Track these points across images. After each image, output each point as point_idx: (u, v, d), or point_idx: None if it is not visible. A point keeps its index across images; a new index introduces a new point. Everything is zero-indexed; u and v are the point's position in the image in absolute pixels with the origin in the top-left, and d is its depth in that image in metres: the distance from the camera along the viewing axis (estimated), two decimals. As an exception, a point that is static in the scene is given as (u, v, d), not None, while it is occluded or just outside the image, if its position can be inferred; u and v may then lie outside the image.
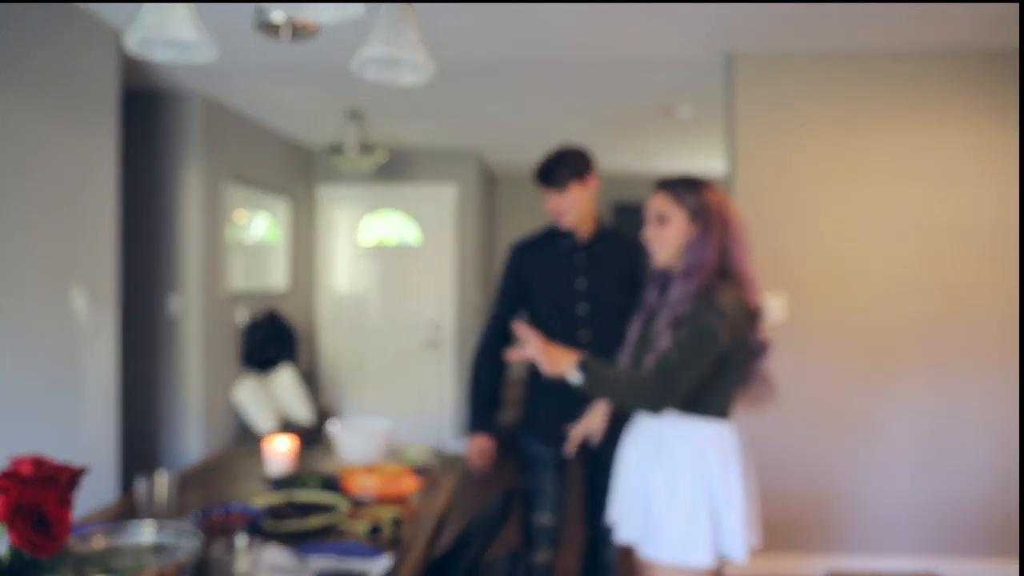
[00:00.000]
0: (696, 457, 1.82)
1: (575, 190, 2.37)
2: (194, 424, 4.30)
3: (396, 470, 2.14)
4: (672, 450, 1.85)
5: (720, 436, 1.85)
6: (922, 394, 3.45)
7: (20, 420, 2.70)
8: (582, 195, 2.38)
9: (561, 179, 2.35)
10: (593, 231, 2.46)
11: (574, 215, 2.40)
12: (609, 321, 2.37)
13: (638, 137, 5.38)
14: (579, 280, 2.42)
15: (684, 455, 1.83)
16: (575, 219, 2.41)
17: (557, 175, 2.36)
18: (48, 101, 2.83)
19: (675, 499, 1.82)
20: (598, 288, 2.40)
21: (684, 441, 1.84)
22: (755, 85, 3.50)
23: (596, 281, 2.41)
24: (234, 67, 3.73)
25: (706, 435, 1.84)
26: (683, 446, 1.84)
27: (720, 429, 1.86)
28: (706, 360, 1.77)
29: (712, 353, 1.77)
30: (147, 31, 1.54)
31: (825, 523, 3.49)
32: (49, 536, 0.90)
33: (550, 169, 2.38)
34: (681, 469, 1.83)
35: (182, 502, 2.02)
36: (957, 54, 3.42)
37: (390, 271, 6.19)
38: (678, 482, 1.82)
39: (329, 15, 1.40)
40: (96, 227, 3.11)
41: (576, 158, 2.39)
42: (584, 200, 2.39)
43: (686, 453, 1.83)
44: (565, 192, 2.37)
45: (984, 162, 3.42)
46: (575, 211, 2.39)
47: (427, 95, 4.22)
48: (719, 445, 1.84)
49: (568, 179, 2.36)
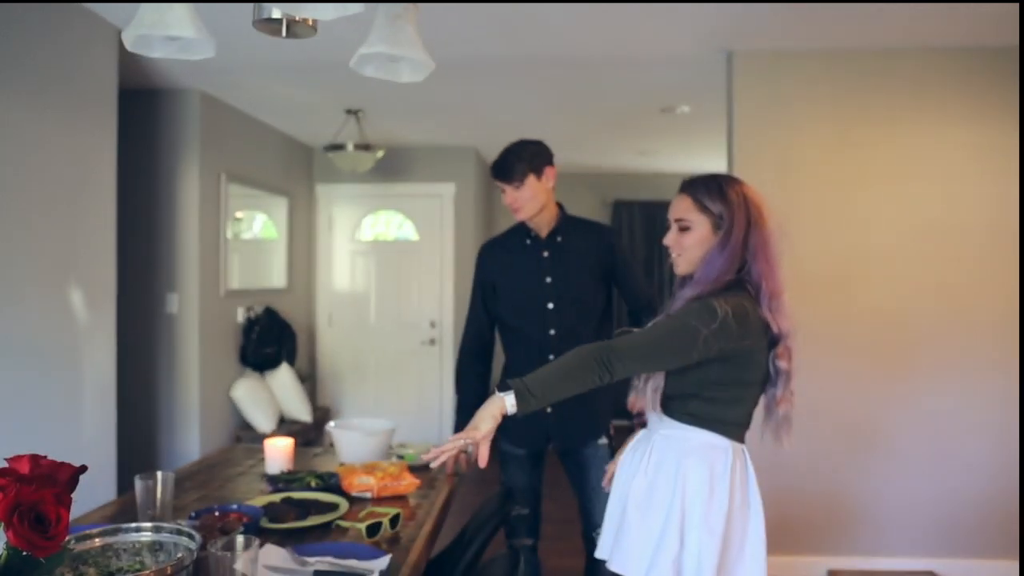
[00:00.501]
0: (679, 469, 1.67)
1: (530, 184, 2.35)
2: (193, 423, 4.29)
3: (395, 469, 2.13)
4: (659, 458, 1.71)
5: (715, 454, 1.68)
6: (922, 394, 3.45)
7: (18, 418, 2.69)
8: (537, 189, 2.37)
9: (516, 173, 2.34)
10: (554, 224, 2.44)
11: (530, 209, 2.38)
12: (577, 316, 2.37)
13: (637, 135, 5.38)
14: (543, 276, 2.41)
15: (668, 465, 1.69)
16: (531, 213, 2.39)
17: (512, 169, 2.35)
18: (48, 100, 2.82)
19: (649, 513, 1.68)
20: (564, 282, 2.39)
21: (671, 449, 1.70)
22: (755, 83, 3.50)
23: (561, 275, 2.40)
24: (233, 64, 3.72)
25: (696, 448, 1.68)
26: (669, 454, 1.70)
27: (717, 444, 1.69)
28: (667, 355, 1.62)
29: (681, 352, 1.61)
30: (146, 29, 1.54)
31: (825, 523, 3.49)
32: (47, 535, 0.89)
33: (505, 163, 2.36)
34: (662, 481, 1.68)
35: (180, 501, 2.02)
36: (957, 51, 3.41)
37: (389, 269, 6.19)
38: (655, 496, 1.68)
39: (328, 12, 1.39)
40: (95, 226, 3.10)
41: (531, 152, 2.37)
42: (540, 193, 2.38)
43: (671, 463, 1.69)
44: (520, 187, 2.35)
45: (984, 160, 3.42)
46: (531, 205, 2.38)
47: (426, 93, 4.21)
48: (708, 461, 1.66)
49: (523, 173, 2.34)
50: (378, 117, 4.92)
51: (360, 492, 2.05)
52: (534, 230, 2.45)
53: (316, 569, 1.51)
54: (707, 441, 1.70)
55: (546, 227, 2.44)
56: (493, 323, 2.55)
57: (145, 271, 4.25)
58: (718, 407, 1.70)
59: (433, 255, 6.14)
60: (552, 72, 3.86)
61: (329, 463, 2.49)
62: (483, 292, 2.53)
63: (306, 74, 3.93)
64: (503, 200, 2.43)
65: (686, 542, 1.64)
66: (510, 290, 2.47)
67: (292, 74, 3.94)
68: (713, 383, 1.69)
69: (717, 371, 1.67)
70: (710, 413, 1.70)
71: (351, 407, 6.16)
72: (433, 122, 5.17)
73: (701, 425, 1.70)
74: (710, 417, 1.70)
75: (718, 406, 1.70)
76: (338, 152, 4.88)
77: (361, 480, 2.06)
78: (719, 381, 1.68)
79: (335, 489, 2.10)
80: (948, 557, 3.44)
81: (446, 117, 5.00)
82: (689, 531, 1.64)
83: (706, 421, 1.70)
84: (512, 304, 2.46)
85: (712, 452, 1.69)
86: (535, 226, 2.44)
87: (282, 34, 1.71)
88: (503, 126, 5.21)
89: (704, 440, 1.70)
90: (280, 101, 4.53)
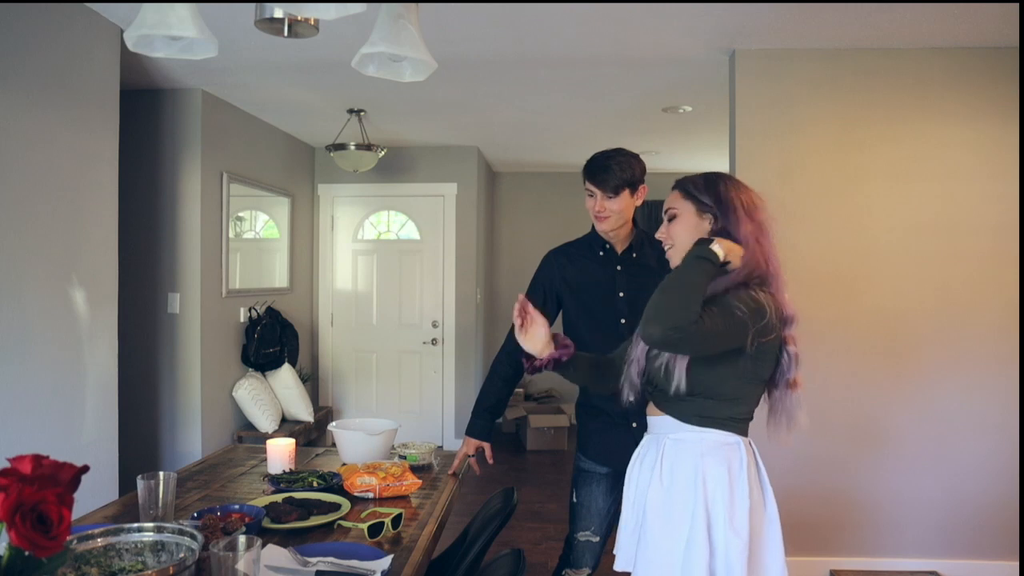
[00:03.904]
0: (697, 472, 1.65)
1: (623, 198, 2.27)
2: (194, 423, 4.29)
3: (397, 469, 2.13)
4: (672, 463, 1.69)
5: (730, 452, 1.67)
6: (923, 393, 3.45)
7: (20, 418, 2.69)
8: (628, 204, 2.29)
9: (614, 183, 2.25)
10: (631, 239, 2.37)
11: (615, 222, 2.30)
12: None
13: (639, 135, 5.37)
14: (619, 292, 2.34)
15: (685, 469, 1.66)
16: (615, 226, 2.32)
17: (612, 179, 2.24)
18: (50, 100, 2.82)
19: (671, 520, 1.65)
20: (637, 299, 2.28)
21: (685, 452, 1.68)
22: (757, 82, 3.49)
23: (634, 292, 2.31)
24: (235, 64, 3.72)
25: (712, 448, 1.67)
26: (684, 457, 1.67)
27: (730, 442, 1.68)
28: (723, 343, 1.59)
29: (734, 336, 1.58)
30: (148, 29, 1.54)
31: (827, 523, 3.48)
32: (49, 535, 0.89)
33: (606, 170, 2.25)
34: (681, 486, 1.66)
35: (182, 501, 2.02)
36: (958, 51, 3.41)
37: (391, 269, 6.19)
38: (675, 502, 1.65)
39: (330, 12, 1.39)
40: (96, 225, 3.11)
41: (634, 166, 2.27)
42: (629, 209, 2.31)
43: (686, 466, 1.66)
44: (613, 198, 2.26)
45: (985, 159, 3.41)
46: (617, 218, 2.30)
47: (428, 92, 4.21)
48: (725, 460, 1.65)
49: (621, 186, 2.25)
50: (380, 117, 4.92)
51: (362, 492, 2.05)
52: (609, 243, 2.38)
53: (318, 569, 1.51)
54: (721, 440, 1.69)
55: (623, 242, 2.37)
56: None
57: (147, 271, 4.25)
58: (729, 404, 1.69)
59: (435, 255, 6.14)
60: (554, 72, 3.85)
61: (331, 463, 2.49)
62: (544, 299, 2.42)
63: (308, 74, 3.93)
64: (586, 203, 2.32)
65: (715, 546, 1.62)
66: (581, 302, 2.38)
67: (294, 74, 3.93)
68: (733, 378, 1.67)
69: (744, 366, 1.65)
70: (721, 411, 1.69)
71: (353, 407, 6.16)
72: (435, 122, 5.17)
73: (713, 425, 1.69)
74: (721, 415, 1.69)
75: (729, 403, 1.69)
76: (340, 152, 4.88)
77: (363, 480, 2.06)
78: (740, 376, 1.67)
79: (337, 489, 2.10)
80: (951, 557, 3.43)
81: (448, 117, 5.00)
82: (716, 534, 1.63)
83: (718, 420, 1.69)
84: (583, 317, 2.37)
85: (727, 450, 1.68)
86: (611, 239, 2.37)
87: (284, 34, 1.71)
88: (505, 126, 5.22)
89: (717, 439, 1.69)
90: (282, 101, 4.53)
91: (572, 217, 6.47)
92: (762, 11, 3.01)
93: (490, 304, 7.10)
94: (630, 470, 1.83)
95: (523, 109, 4.68)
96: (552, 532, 4.12)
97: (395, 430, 2.47)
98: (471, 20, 3.10)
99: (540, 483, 5.17)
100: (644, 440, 1.83)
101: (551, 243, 2.61)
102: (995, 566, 3.40)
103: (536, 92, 4.26)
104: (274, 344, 5.01)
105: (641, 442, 1.84)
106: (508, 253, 7.35)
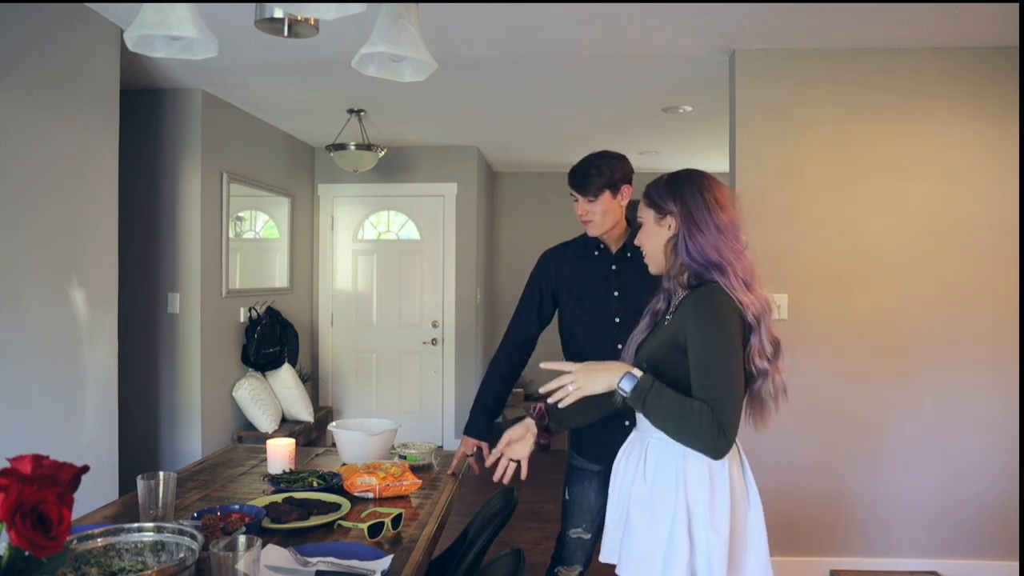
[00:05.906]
0: (679, 470, 1.65)
1: (604, 200, 2.28)
2: (194, 423, 4.29)
3: (397, 469, 2.13)
4: (656, 460, 1.70)
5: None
6: (924, 393, 3.45)
7: (20, 418, 2.69)
8: (611, 206, 2.29)
9: (592, 187, 2.26)
10: (625, 239, 2.37)
11: (601, 225, 2.32)
12: None
13: (639, 135, 5.37)
14: (613, 291, 2.35)
15: (668, 467, 1.67)
16: (602, 229, 2.33)
17: (589, 183, 2.26)
18: (49, 100, 2.82)
19: (655, 515, 1.67)
20: (631, 298, 2.31)
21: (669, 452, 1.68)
22: (757, 82, 3.49)
23: (628, 291, 2.32)
24: (235, 64, 3.72)
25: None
26: (667, 457, 1.68)
27: None
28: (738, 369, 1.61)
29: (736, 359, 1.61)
30: (148, 29, 1.54)
31: (827, 524, 3.48)
32: (49, 535, 0.89)
33: (583, 174, 2.27)
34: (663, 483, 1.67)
35: (182, 501, 2.02)
36: (958, 51, 3.41)
37: (391, 269, 6.19)
38: (657, 500, 1.67)
39: (330, 12, 1.39)
40: (96, 225, 3.11)
41: (612, 167, 2.28)
42: (613, 210, 2.31)
43: (669, 465, 1.67)
44: (594, 201, 2.28)
45: (985, 159, 3.41)
46: (602, 220, 2.31)
47: (428, 92, 4.21)
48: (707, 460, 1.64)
49: (600, 188, 2.26)
50: (380, 117, 4.92)
51: (362, 492, 2.05)
52: (603, 243, 2.39)
53: (318, 569, 1.51)
54: None
55: (616, 242, 2.38)
56: (540, 331, 2.48)
57: (147, 271, 4.25)
58: None
59: (435, 255, 6.14)
60: (554, 72, 3.85)
61: (331, 463, 2.49)
62: (540, 299, 2.45)
63: (308, 74, 3.93)
64: (575, 209, 2.34)
65: (695, 544, 1.64)
66: (575, 301, 2.39)
67: (294, 74, 3.93)
68: None
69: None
70: None
71: (353, 407, 6.16)
72: (435, 122, 5.17)
73: None
74: None
75: None
76: (340, 152, 4.88)
77: (363, 480, 2.06)
78: None
79: (337, 489, 2.10)
80: (951, 558, 3.43)
81: (448, 117, 5.00)
82: (697, 532, 1.64)
83: None
84: (578, 316, 2.39)
85: None
86: (605, 239, 2.38)
87: (284, 34, 1.71)
88: (505, 126, 5.22)
89: None
90: (282, 101, 4.53)
91: (572, 217, 6.38)
92: (762, 11, 3.01)
93: (490, 304, 7.10)
94: (616, 464, 1.86)
95: (523, 109, 4.68)
96: (552, 532, 4.11)
97: (395, 430, 2.46)
98: (471, 20, 3.10)
99: (540, 483, 5.16)
100: (631, 436, 1.85)
101: (551, 243, 2.61)
102: (995, 566, 3.40)
103: (536, 92, 4.26)
104: (274, 344, 5.01)
105: (629, 437, 1.86)
106: (508, 253, 7.35)
